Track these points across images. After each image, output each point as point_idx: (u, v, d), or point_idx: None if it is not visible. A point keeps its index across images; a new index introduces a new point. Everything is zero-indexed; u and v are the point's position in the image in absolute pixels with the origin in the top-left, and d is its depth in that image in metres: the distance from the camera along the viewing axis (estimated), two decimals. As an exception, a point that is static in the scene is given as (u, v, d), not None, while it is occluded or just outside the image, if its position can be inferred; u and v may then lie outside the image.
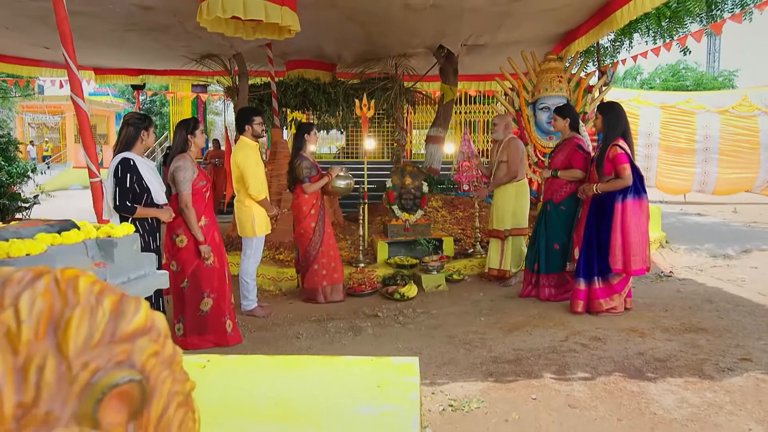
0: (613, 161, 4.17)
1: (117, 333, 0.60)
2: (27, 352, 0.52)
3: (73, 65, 2.93)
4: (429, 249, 5.76)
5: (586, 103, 7.44)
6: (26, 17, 5.70)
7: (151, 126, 3.56)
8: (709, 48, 40.00)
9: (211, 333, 3.85)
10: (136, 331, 0.62)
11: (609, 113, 4.33)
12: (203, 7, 4.84)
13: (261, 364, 3.54)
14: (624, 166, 4.12)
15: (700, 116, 11.74)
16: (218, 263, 3.91)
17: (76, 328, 0.56)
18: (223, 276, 3.94)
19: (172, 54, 7.97)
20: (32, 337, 0.53)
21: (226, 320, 3.91)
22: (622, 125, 4.27)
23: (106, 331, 0.59)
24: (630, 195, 4.17)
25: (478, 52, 8.46)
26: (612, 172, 4.21)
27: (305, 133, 5.03)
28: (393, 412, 2.46)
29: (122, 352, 0.59)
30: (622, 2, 5.78)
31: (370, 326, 4.33)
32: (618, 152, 4.14)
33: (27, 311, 0.54)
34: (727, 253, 6.45)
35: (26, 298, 0.55)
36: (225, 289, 3.94)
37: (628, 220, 4.15)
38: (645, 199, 4.25)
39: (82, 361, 0.55)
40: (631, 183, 4.16)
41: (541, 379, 3.15)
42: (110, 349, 0.58)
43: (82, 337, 0.56)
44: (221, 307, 3.89)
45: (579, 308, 4.38)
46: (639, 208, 4.19)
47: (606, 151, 4.22)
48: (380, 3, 5.65)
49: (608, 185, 4.23)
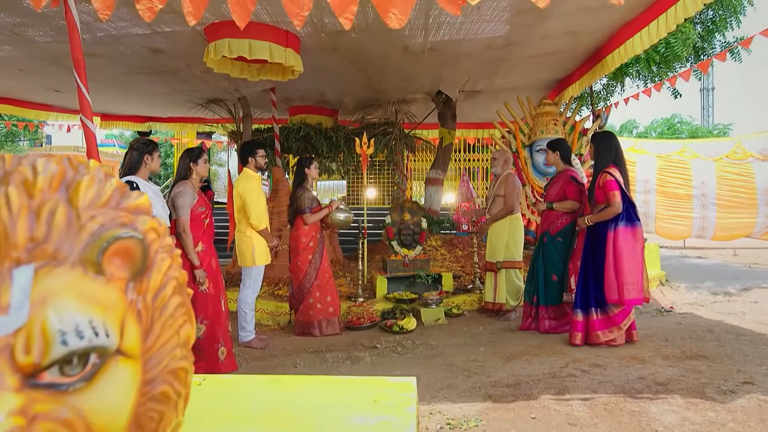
0: (603, 188, 4.22)
1: (122, 204, 0.65)
2: (41, 198, 0.58)
3: (84, 88, 3.06)
4: (428, 283, 5.77)
5: (582, 145, 7.62)
6: (41, 59, 5.94)
7: (156, 151, 3.66)
8: (703, 103, 41.02)
9: (203, 360, 3.79)
10: (139, 208, 0.67)
11: (601, 142, 4.43)
12: (210, 48, 5.07)
13: (256, 382, 3.51)
14: (614, 193, 4.15)
15: (695, 164, 11.94)
16: (213, 290, 3.91)
17: (85, 187, 0.61)
18: (218, 303, 3.93)
19: (179, 98, 8.23)
20: (46, 187, 0.59)
21: (220, 347, 3.88)
22: (614, 153, 4.35)
23: (112, 199, 0.64)
24: (622, 222, 4.17)
25: (475, 98, 8.72)
26: (603, 200, 4.25)
27: (306, 167, 5.15)
28: (389, 422, 2.43)
29: (126, 217, 0.64)
30: (612, 47, 6.03)
31: (369, 356, 4.29)
32: (608, 179, 4.19)
33: (43, 168, 0.60)
34: (728, 291, 6.44)
35: (43, 161, 0.61)
36: (219, 316, 3.92)
37: (620, 247, 4.13)
38: (638, 226, 4.24)
39: (90, 214, 0.60)
40: (623, 210, 4.17)
41: (540, 401, 3.11)
42: (115, 213, 0.63)
43: (90, 196, 0.61)
44: (215, 334, 3.86)
45: (577, 340, 4.33)
46: (632, 236, 4.18)
47: (597, 179, 4.29)
48: (380, 47, 5.89)
49: (599, 216, 4.26)
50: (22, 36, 5.28)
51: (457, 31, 5.57)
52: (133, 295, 0.64)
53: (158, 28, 5.23)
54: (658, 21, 4.90)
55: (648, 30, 5.10)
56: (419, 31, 5.52)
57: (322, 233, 5.21)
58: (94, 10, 4.73)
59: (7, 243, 0.54)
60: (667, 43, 6.71)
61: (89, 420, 0.54)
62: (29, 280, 0.53)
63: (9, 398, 0.47)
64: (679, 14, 4.53)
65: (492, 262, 5.51)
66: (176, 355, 0.70)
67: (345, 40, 5.67)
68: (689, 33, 6.60)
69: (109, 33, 5.28)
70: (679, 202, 11.76)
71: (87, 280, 0.57)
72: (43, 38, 5.34)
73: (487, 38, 5.79)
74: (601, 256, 4.25)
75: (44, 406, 0.50)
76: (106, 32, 5.26)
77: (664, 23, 4.80)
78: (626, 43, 5.64)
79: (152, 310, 0.66)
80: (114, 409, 0.58)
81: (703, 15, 7.35)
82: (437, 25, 5.39)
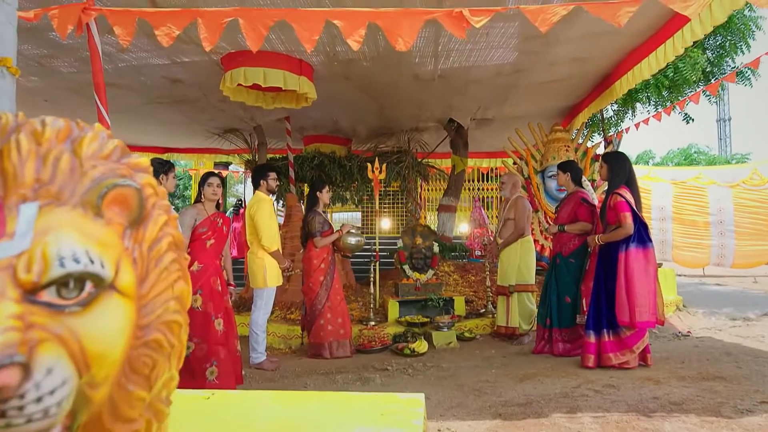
0: (614, 209, 4.21)
1: (122, 160, 0.71)
2: (48, 146, 0.64)
3: (104, 111, 3.19)
4: (439, 306, 5.75)
5: (594, 171, 7.63)
6: (65, 89, 6.19)
7: (171, 171, 3.76)
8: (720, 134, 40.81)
9: (189, 379, 3.70)
10: (139, 165, 0.73)
11: (613, 162, 4.42)
12: (227, 76, 5.25)
13: (264, 397, 3.52)
14: (625, 215, 4.13)
15: (711, 190, 11.85)
16: (212, 310, 3.86)
17: (89, 141, 0.67)
18: (210, 322, 3.85)
19: (196, 128, 8.46)
20: (53, 138, 0.65)
21: (209, 367, 3.79)
22: (626, 174, 4.34)
23: (113, 154, 0.70)
24: (633, 244, 4.14)
25: (487, 126, 8.83)
26: (615, 221, 4.25)
27: (318, 190, 5.23)
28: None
29: (125, 170, 0.70)
30: (620, 73, 6.10)
31: (379, 377, 4.27)
32: (618, 200, 4.19)
33: (51, 122, 0.66)
34: (747, 316, 6.31)
35: (51, 118, 0.67)
36: (210, 336, 3.84)
37: (632, 268, 4.09)
38: (650, 248, 4.21)
39: (92, 163, 0.66)
40: (634, 231, 4.15)
41: (551, 419, 3.06)
42: (116, 165, 0.69)
43: (93, 149, 0.67)
44: (204, 354, 3.79)
45: (590, 363, 4.25)
46: (644, 257, 4.14)
47: (608, 200, 4.30)
48: (391, 74, 6.04)
49: (610, 235, 4.25)
50: (47, 67, 5.52)
51: (467, 59, 5.70)
52: (130, 243, 0.68)
53: (177, 58, 5.44)
54: (665, 45, 4.96)
55: (656, 54, 5.16)
56: (429, 59, 5.66)
57: (333, 256, 5.26)
58: (116, 41, 4.98)
59: (16, 182, 0.59)
60: (675, 68, 6.77)
61: (83, 343, 0.58)
62: (34, 214, 0.58)
63: (9, 305, 0.52)
64: (686, 38, 4.58)
65: (504, 285, 5.50)
66: (170, 308, 0.74)
67: (357, 68, 5.83)
68: (698, 57, 6.66)
69: (130, 63, 5.50)
70: (696, 230, 11.62)
71: (87, 220, 0.62)
72: (68, 69, 5.58)
73: (495, 65, 5.91)
74: (613, 277, 4.21)
75: (41, 319, 0.55)
76: (127, 63, 5.48)
77: (672, 47, 4.86)
78: (634, 69, 5.70)
79: (147, 260, 0.71)
80: (108, 339, 0.62)
81: (713, 41, 7.42)
82: (447, 53, 5.52)
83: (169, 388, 0.80)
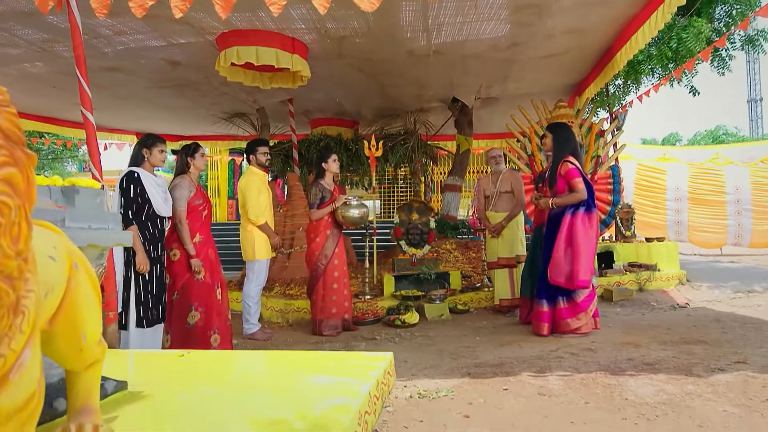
0: (565, 176, 4.25)
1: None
2: None
3: (83, 82, 3.32)
4: (431, 279, 5.78)
5: (599, 147, 7.52)
6: (69, 74, 6.32)
7: (154, 145, 3.85)
8: (750, 114, 39.53)
9: (195, 346, 3.88)
10: None
11: (558, 132, 4.49)
12: (221, 56, 5.34)
13: (236, 355, 3.63)
14: (577, 180, 4.20)
15: (728, 170, 11.57)
16: (210, 279, 4.03)
17: None
18: (213, 292, 4.03)
19: (202, 113, 8.61)
20: None
21: (212, 334, 3.98)
22: (572, 143, 4.39)
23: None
24: (582, 208, 4.21)
25: (492, 106, 8.76)
26: (565, 188, 4.27)
27: (323, 161, 5.08)
28: (347, 382, 2.52)
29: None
30: (619, 45, 6.01)
31: (365, 346, 4.36)
32: (570, 167, 4.24)
33: None
34: (753, 289, 6.17)
35: None
36: (214, 305, 4.01)
37: (578, 231, 4.14)
38: (594, 213, 4.30)
39: None
40: (586, 197, 4.20)
41: (519, 377, 3.09)
42: None
43: None
44: (209, 322, 3.96)
45: (544, 331, 4.24)
46: (589, 221, 4.22)
47: (557, 168, 4.30)
48: (385, 51, 6.05)
49: (565, 199, 4.27)
50: (50, 51, 5.70)
51: (459, 32, 5.67)
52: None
53: (173, 39, 5.55)
54: (656, 12, 4.88)
55: (648, 23, 5.07)
56: (421, 33, 5.65)
57: (335, 232, 5.01)
58: (113, 24, 5.12)
59: None
60: (679, 39, 6.62)
61: None
62: None
63: None
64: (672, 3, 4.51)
65: (511, 257, 5.48)
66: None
67: (350, 45, 5.85)
68: (702, 27, 6.49)
69: (129, 46, 5.64)
70: (712, 210, 11.38)
71: None
72: (70, 53, 5.74)
73: (490, 38, 5.87)
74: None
75: None
76: (125, 45, 5.61)
77: (662, 14, 4.77)
78: (631, 39, 5.61)
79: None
80: None
81: (719, 11, 7.21)
82: (437, 26, 5.51)
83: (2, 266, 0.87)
